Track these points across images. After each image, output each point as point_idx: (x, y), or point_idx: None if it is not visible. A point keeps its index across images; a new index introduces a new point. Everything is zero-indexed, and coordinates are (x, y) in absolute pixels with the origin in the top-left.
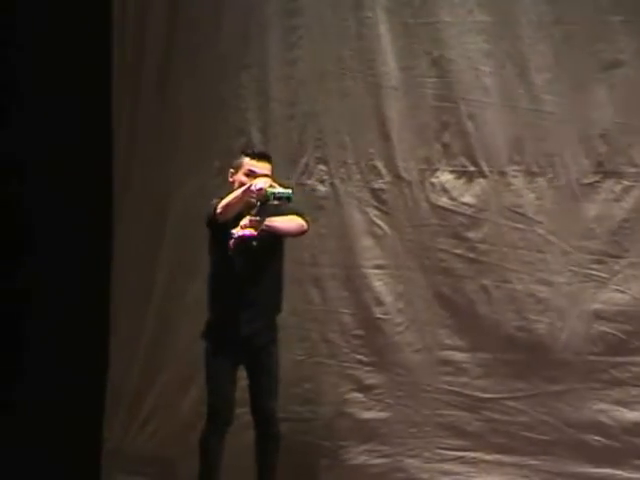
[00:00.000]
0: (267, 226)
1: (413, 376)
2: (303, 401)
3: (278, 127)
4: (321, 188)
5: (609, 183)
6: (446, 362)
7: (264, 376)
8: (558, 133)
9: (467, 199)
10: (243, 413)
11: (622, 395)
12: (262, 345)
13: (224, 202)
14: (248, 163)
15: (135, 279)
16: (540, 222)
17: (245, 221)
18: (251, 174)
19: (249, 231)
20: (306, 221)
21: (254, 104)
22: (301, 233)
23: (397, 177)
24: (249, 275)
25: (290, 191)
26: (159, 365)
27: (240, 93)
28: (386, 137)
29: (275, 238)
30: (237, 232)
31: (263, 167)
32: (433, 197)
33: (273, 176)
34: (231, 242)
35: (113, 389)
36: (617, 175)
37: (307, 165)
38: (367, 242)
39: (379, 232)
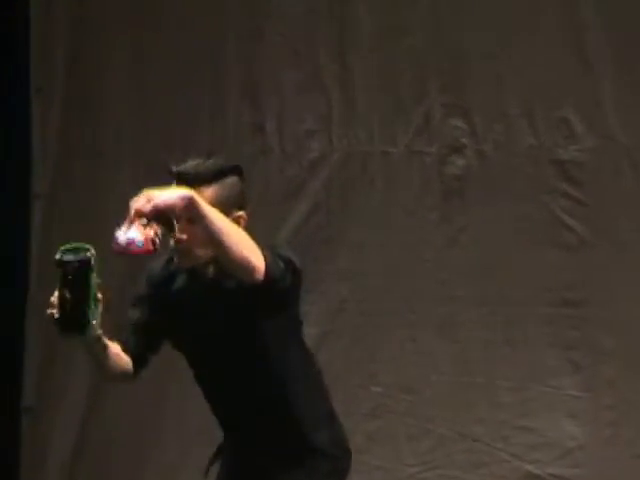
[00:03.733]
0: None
1: None
2: None
3: (372, 53)
4: (457, 160)
5: None
6: None
7: None
8: None
9: None
10: None
11: None
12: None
13: None
14: None
15: None
16: None
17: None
18: None
19: (138, 236)
20: (264, 257)
21: (328, 15)
22: (243, 266)
23: (607, 139)
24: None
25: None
26: None
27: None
28: (584, 64)
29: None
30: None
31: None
32: None
33: (224, 200)
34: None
35: None
36: None
37: (428, 118)
38: (550, 256)
39: (571, 240)
